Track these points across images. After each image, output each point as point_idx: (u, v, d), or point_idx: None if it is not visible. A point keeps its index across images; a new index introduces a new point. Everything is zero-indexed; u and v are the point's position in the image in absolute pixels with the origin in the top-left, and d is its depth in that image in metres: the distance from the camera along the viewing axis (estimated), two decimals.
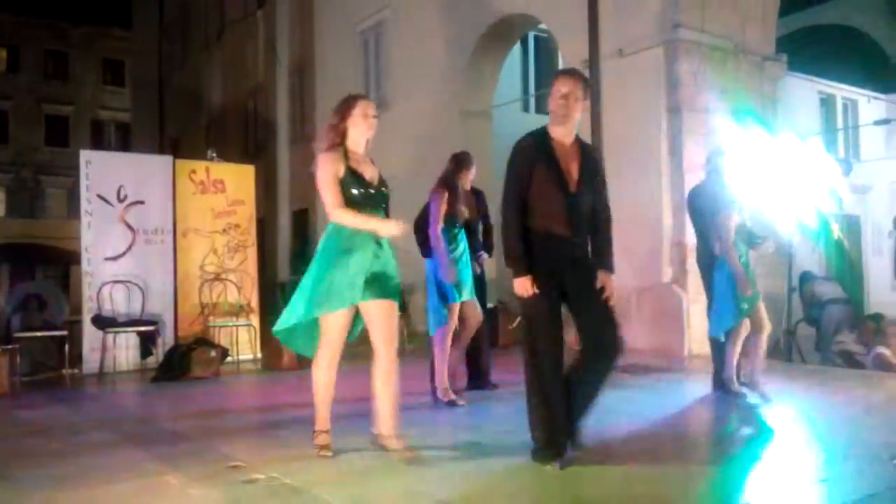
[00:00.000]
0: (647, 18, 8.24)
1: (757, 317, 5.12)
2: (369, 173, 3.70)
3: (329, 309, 3.54)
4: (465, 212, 5.28)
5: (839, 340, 7.98)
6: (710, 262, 5.34)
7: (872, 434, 4.10)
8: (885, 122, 14.72)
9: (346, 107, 3.72)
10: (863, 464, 3.50)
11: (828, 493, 3.24)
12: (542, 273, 3.46)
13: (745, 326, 5.11)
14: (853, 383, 6.02)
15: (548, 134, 3.63)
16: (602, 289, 3.49)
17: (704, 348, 6.29)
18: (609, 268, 3.57)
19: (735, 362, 5.15)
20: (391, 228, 3.59)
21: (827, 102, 17.62)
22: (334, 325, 3.58)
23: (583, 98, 3.62)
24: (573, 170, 3.56)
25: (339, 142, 3.67)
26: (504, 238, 3.55)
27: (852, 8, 12.97)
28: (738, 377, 5.19)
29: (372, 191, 3.67)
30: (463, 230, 5.32)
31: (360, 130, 3.70)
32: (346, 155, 3.65)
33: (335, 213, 3.60)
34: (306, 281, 3.62)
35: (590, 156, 3.69)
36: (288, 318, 3.63)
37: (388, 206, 3.87)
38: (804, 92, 15.91)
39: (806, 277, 9.44)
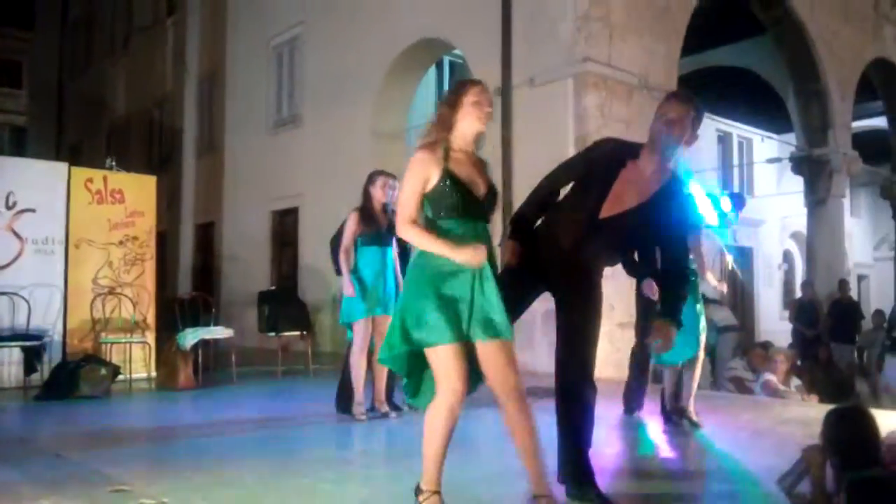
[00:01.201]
0: (557, 50, 8.48)
1: None
2: (474, 177, 2.97)
3: (426, 343, 2.80)
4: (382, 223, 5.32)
5: (731, 367, 8.30)
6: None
7: (759, 458, 4.27)
8: (777, 160, 15.67)
9: (457, 94, 2.98)
10: (749, 486, 3.64)
11: None
12: (529, 260, 3.21)
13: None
14: (741, 408, 6.28)
15: (634, 153, 3.18)
16: (576, 312, 3.35)
17: (605, 372, 6.42)
18: (671, 316, 3.13)
19: (672, 390, 5.24)
20: (466, 256, 2.81)
21: (724, 140, 18.62)
22: (445, 364, 2.80)
23: (691, 129, 3.17)
24: (626, 199, 3.10)
25: (443, 137, 2.96)
26: (522, 204, 3.40)
27: (747, 52, 13.76)
28: (666, 405, 5.29)
29: (473, 199, 2.93)
30: (390, 248, 5.39)
31: (469, 123, 2.95)
32: (447, 155, 2.94)
33: (402, 227, 2.92)
34: (399, 313, 2.91)
35: (666, 201, 3.13)
36: (388, 353, 2.91)
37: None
38: (703, 129, 16.46)
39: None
